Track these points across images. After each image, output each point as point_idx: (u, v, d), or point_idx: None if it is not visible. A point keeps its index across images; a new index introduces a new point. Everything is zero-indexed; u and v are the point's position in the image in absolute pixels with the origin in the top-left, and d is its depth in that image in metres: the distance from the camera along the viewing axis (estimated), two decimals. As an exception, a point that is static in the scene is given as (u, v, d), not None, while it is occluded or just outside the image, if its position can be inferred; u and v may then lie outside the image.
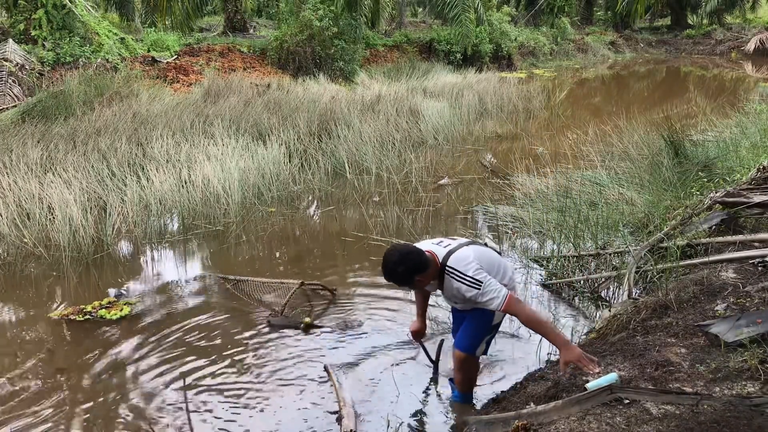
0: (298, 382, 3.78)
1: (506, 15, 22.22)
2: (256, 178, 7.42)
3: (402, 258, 2.99)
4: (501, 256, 3.41)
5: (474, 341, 3.26)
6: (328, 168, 8.40)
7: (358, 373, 3.87)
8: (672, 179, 6.63)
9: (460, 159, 9.35)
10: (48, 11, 11.82)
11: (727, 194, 5.04)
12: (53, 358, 4.06)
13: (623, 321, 3.78)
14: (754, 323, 3.06)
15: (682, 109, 12.87)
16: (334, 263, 5.69)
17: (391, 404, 3.51)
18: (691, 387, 2.70)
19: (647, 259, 4.67)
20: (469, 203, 7.19)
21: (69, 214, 5.91)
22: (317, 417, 3.45)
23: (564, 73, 21.84)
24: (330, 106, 10.36)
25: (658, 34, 30.93)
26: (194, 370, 3.92)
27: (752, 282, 3.83)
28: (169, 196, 6.73)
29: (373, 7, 18.20)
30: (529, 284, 4.99)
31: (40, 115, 9.11)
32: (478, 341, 3.26)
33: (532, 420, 2.58)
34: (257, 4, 24.32)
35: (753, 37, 26.38)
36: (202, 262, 5.84)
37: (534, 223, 6.02)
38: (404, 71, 16.14)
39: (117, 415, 3.51)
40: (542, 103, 13.77)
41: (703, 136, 9.29)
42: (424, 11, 30.07)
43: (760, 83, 18.15)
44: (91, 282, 5.25)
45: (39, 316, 4.67)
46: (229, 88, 11.18)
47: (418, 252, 3.04)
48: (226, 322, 4.55)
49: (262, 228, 6.49)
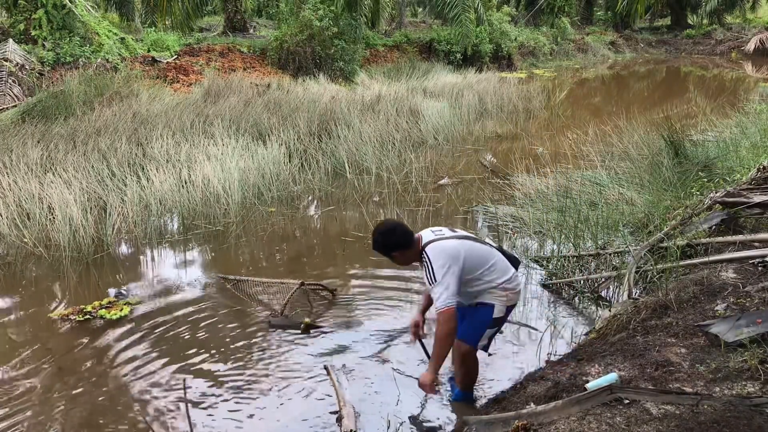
0: (298, 382, 3.78)
1: (506, 15, 22.21)
2: (256, 178, 7.42)
3: (386, 231, 3.24)
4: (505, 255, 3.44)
5: (476, 333, 3.29)
6: (328, 168, 8.40)
7: (358, 373, 3.87)
8: (672, 179, 6.63)
9: (460, 159, 9.35)
10: (48, 11, 11.82)
11: (727, 194, 5.04)
12: (53, 358, 4.06)
13: (623, 321, 3.79)
14: (754, 323, 3.07)
15: (682, 109, 12.88)
16: (334, 263, 5.69)
17: (391, 404, 3.51)
18: (691, 387, 2.70)
19: (647, 259, 4.67)
20: (469, 203, 7.19)
21: (69, 214, 5.91)
22: (317, 417, 3.45)
23: (564, 73, 21.84)
24: (330, 106, 10.36)
25: (658, 34, 30.93)
26: (194, 370, 3.92)
27: (752, 282, 3.83)
28: (169, 196, 6.73)
29: (373, 7, 18.20)
30: (529, 284, 4.99)
31: (40, 115, 9.11)
32: (480, 333, 3.29)
33: (532, 420, 2.58)
34: (257, 4, 24.32)
35: (753, 37, 26.39)
36: (202, 262, 5.84)
37: (534, 223, 6.02)
38: (404, 71, 16.14)
39: (117, 415, 3.51)
40: (542, 103, 13.77)
41: (703, 136, 9.29)
42: (424, 11, 30.08)
43: (760, 83, 18.16)
44: (91, 282, 5.25)
45: (39, 315, 4.67)
46: (229, 88, 11.18)
47: (403, 231, 3.23)
48: (226, 322, 4.55)
49: (262, 228, 6.49)
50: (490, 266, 3.24)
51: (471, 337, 3.29)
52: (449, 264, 3.09)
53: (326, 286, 4.97)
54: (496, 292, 3.24)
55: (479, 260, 3.23)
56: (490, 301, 3.25)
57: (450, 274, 3.08)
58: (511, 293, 3.29)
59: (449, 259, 3.11)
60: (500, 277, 3.26)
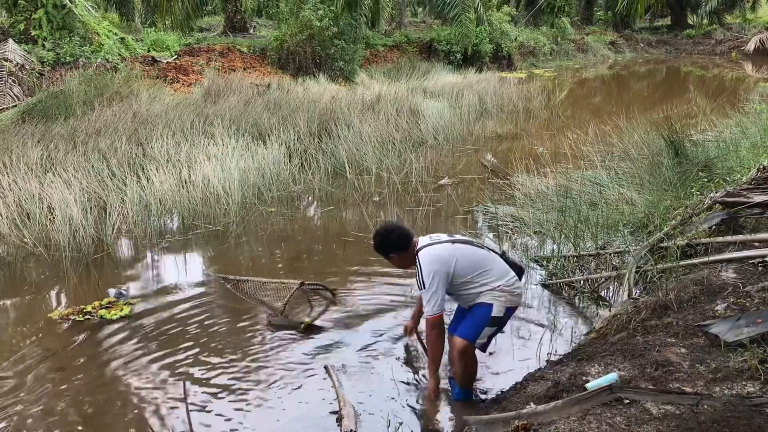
0: (298, 382, 3.78)
1: (506, 15, 22.20)
2: (256, 178, 7.42)
3: (385, 233, 3.42)
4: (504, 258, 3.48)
5: (475, 330, 3.32)
6: (328, 168, 8.40)
7: (358, 372, 3.87)
8: (672, 179, 6.62)
9: (460, 159, 9.35)
10: (48, 11, 11.82)
11: (727, 194, 5.04)
12: (53, 358, 4.06)
13: (623, 321, 3.78)
14: (754, 323, 3.07)
15: (682, 109, 12.87)
16: (334, 263, 5.69)
17: (391, 404, 3.51)
18: (691, 387, 2.70)
19: (647, 259, 4.67)
20: (469, 203, 7.19)
21: (69, 214, 5.91)
22: (317, 416, 3.45)
23: (564, 73, 21.84)
24: (330, 106, 10.35)
25: (658, 34, 30.94)
26: (193, 370, 3.92)
27: (752, 282, 3.83)
28: (169, 196, 6.73)
29: (373, 7, 18.19)
30: (529, 284, 4.99)
31: (40, 115, 9.10)
32: (479, 331, 3.32)
33: (532, 420, 2.58)
34: (257, 4, 24.29)
35: (753, 37, 26.39)
36: (202, 262, 5.85)
37: (534, 223, 6.02)
38: (404, 71, 16.14)
39: (116, 414, 3.51)
40: (542, 103, 13.77)
41: (703, 136, 9.29)
42: (424, 11, 30.06)
43: (760, 83, 18.16)
44: (91, 282, 5.25)
45: (39, 315, 4.67)
46: (229, 88, 11.17)
47: (401, 234, 3.40)
48: (226, 322, 4.55)
49: (262, 228, 6.49)
50: (484, 271, 3.32)
51: (469, 334, 3.33)
52: (437, 269, 3.23)
53: (326, 285, 4.97)
54: (494, 293, 3.30)
55: (473, 265, 3.31)
56: (489, 301, 3.31)
57: (438, 280, 3.21)
58: (510, 295, 3.33)
59: (438, 265, 3.24)
60: (496, 281, 3.33)
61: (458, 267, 3.27)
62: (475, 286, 3.31)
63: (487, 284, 3.30)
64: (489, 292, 3.29)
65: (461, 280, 3.30)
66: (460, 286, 3.32)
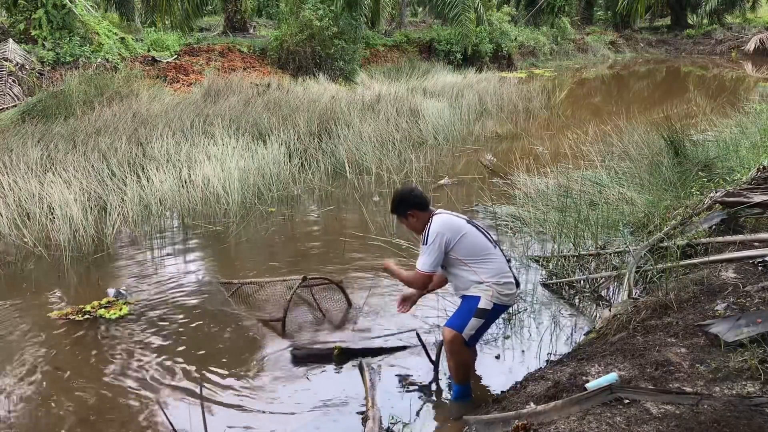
0: (300, 382, 3.78)
1: (506, 15, 22.20)
2: (256, 178, 7.41)
3: (408, 191, 3.61)
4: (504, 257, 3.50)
5: (462, 320, 3.37)
6: (328, 168, 8.40)
7: (357, 372, 3.86)
8: (672, 179, 6.62)
9: (460, 159, 9.34)
10: (48, 11, 11.81)
11: (727, 194, 5.04)
12: (53, 358, 4.06)
13: (623, 321, 3.78)
14: (754, 323, 3.07)
15: (682, 109, 12.87)
16: (334, 263, 5.68)
17: (391, 404, 3.51)
18: (691, 387, 2.70)
19: (647, 259, 4.67)
20: (469, 203, 7.18)
21: (69, 213, 5.91)
22: (327, 416, 3.44)
23: (564, 72, 21.83)
24: (330, 106, 10.35)
25: (658, 34, 30.92)
26: (194, 370, 3.92)
27: (752, 282, 3.84)
28: (169, 196, 6.73)
29: (373, 7, 18.19)
30: (529, 284, 4.98)
31: (40, 114, 9.10)
32: (466, 321, 3.36)
33: (532, 420, 2.58)
34: (257, 4, 24.28)
35: (753, 37, 26.37)
36: (202, 262, 5.84)
37: (534, 223, 6.01)
38: (404, 71, 16.14)
39: (116, 414, 3.51)
40: (542, 102, 13.76)
41: (703, 136, 9.29)
42: (424, 11, 30.08)
43: (760, 83, 18.15)
44: (91, 282, 5.25)
45: (39, 315, 4.67)
46: (229, 88, 11.17)
47: (423, 197, 3.56)
48: (227, 322, 4.54)
49: (262, 228, 6.48)
50: (482, 259, 3.38)
51: (456, 324, 3.38)
52: (444, 232, 3.36)
53: (331, 278, 4.81)
54: (481, 286, 3.37)
55: (476, 248, 3.40)
56: (476, 294, 3.37)
57: (440, 242, 3.33)
58: (498, 292, 3.36)
59: (447, 229, 3.37)
60: (489, 275, 3.37)
61: (462, 243, 3.37)
62: (467, 271, 3.38)
63: (478, 274, 3.36)
64: (477, 285, 3.37)
65: (458, 257, 3.38)
66: (455, 262, 3.41)
